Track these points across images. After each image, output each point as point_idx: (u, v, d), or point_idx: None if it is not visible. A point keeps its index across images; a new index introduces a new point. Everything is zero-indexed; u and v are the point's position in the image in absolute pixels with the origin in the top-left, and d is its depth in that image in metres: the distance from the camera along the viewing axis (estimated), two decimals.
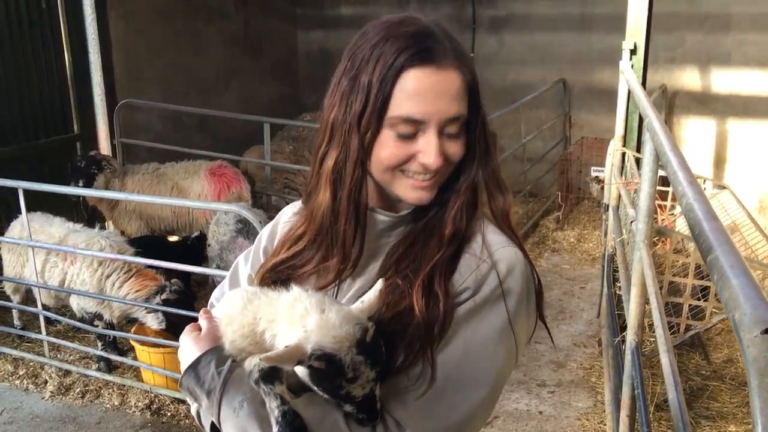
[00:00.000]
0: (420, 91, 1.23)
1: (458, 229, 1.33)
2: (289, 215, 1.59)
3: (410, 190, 1.32)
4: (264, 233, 1.62)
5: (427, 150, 1.26)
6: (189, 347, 1.35)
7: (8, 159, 6.12)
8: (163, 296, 4.35)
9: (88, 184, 5.45)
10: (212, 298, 1.64)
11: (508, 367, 1.32)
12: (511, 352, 1.31)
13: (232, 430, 1.24)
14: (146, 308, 4.40)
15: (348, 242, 1.34)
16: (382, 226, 1.39)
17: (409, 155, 1.28)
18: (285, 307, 1.25)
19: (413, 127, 1.25)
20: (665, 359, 1.91)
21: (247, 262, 1.60)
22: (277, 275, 1.43)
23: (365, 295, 1.27)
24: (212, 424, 1.29)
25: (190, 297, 4.47)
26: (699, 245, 1.30)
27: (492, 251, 1.32)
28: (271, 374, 1.21)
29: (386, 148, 1.27)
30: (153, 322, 4.44)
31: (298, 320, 1.21)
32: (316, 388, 1.21)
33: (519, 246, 1.36)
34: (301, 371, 1.22)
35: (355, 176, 1.30)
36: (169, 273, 4.50)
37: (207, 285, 5.63)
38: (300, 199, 1.59)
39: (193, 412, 1.42)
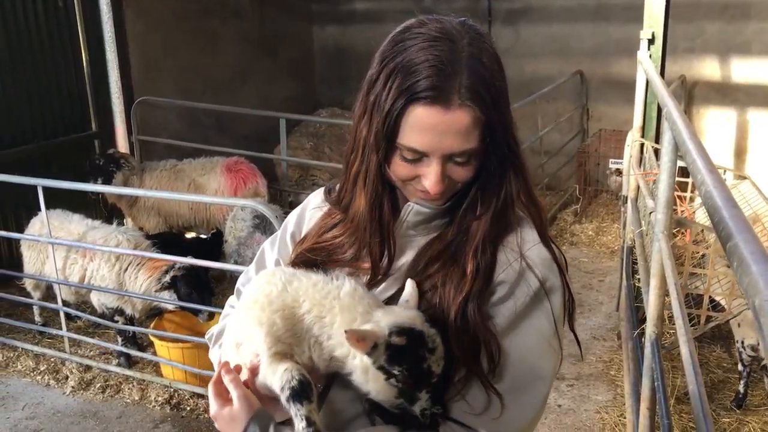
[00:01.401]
0: (423, 128, 1.23)
1: (484, 251, 1.34)
2: (318, 201, 1.60)
3: (417, 198, 1.37)
4: (291, 219, 1.64)
5: (429, 177, 1.28)
6: (225, 425, 1.33)
7: (27, 158, 6.18)
8: (172, 273, 4.45)
9: (107, 182, 5.50)
10: (239, 284, 1.66)
11: (558, 361, 1.37)
12: (559, 346, 1.36)
13: None
14: (162, 286, 4.49)
15: (375, 257, 1.39)
16: (411, 221, 1.41)
17: (415, 175, 1.31)
18: (342, 304, 1.27)
19: (418, 155, 1.27)
20: (685, 350, 1.88)
21: (273, 247, 1.62)
22: (312, 257, 1.45)
23: (404, 293, 1.32)
24: None
25: (200, 273, 4.51)
26: (718, 233, 1.27)
27: (528, 248, 1.35)
28: (301, 392, 1.22)
29: (395, 165, 1.31)
30: (169, 304, 4.52)
31: (361, 317, 1.26)
32: (396, 370, 1.21)
33: (554, 244, 1.40)
34: (364, 369, 1.23)
35: (376, 189, 1.36)
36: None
37: (225, 281, 5.66)
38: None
39: None
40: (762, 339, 0.89)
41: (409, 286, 1.31)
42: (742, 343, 4.00)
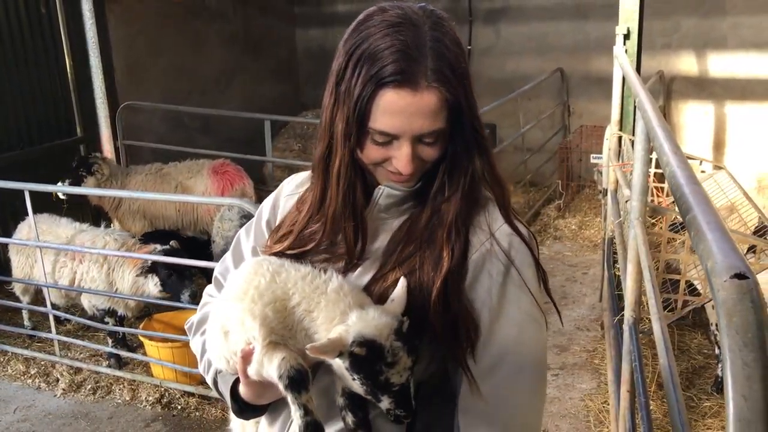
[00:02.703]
0: (394, 111, 1.27)
1: (458, 233, 1.38)
2: (291, 188, 1.63)
3: (389, 181, 1.41)
4: (265, 206, 1.66)
5: (400, 158, 1.33)
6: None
7: (13, 163, 6.18)
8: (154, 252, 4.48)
9: (75, 185, 5.47)
10: (216, 273, 1.68)
11: (544, 330, 1.41)
12: (541, 315, 1.40)
13: None
14: (144, 271, 4.53)
15: (350, 242, 1.42)
16: (381, 204, 1.44)
17: (386, 157, 1.35)
18: (327, 300, 1.32)
19: (388, 138, 1.32)
20: (657, 327, 1.96)
21: (249, 235, 1.64)
22: (288, 244, 1.48)
23: (394, 292, 1.34)
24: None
25: (181, 253, 4.51)
26: (679, 207, 1.35)
27: (497, 227, 1.39)
28: (299, 381, 1.27)
29: (367, 150, 1.35)
30: (153, 288, 4.53)
31: (340, 316, 1.29)
32: (355, 377, 1.27)
33: (519, 220, 1.44)
34: (338, 365, 1.29)
35: (348, 176, 1.38)
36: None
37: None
38: (300, 172, 1.67)
39: (209, 379, 1.55)
40: (713, 297, 0.96)
41: (400, 285, 1.34)
42: (716, 325, 4.10)
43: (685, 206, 1.31)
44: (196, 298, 4.34)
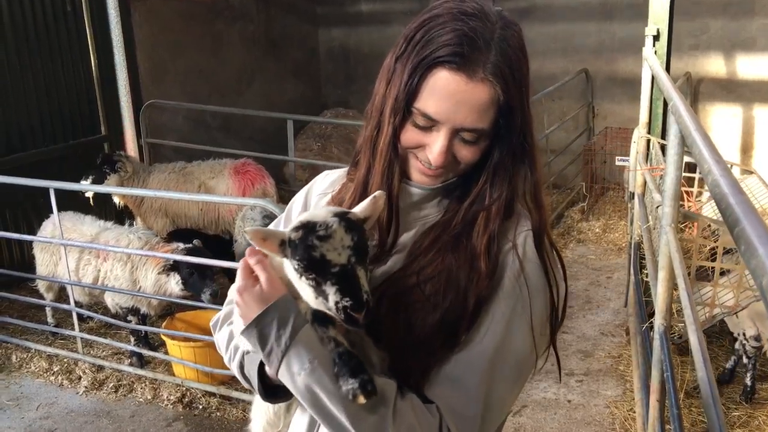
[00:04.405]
0: (443, 94, 1.24)
1: (495, 248, 1.33)
2: (324, 185, 1.60)
3: (416, 172, 1.37)
4: (297, 200, 1.63)
5: (433, 147, 1.29)
6: (252, 302, 1.28)
7: (37, 161, 6.25)
8: (177, 251, 4.47)
9: (97, 182, 5.51)
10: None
11: (532, 360, 1.37)
12: (533, 346, 1.35)
13: (288, 387, 1.26)
14: (166, 269, 4.51)
15: (383, 229, 1.38)
16: (415, 198, 1.40)
17: (421, 144, 1.31)
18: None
19: (429, 122, 1.27)
20: (694, 338, 1.91)
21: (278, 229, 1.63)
22: None
23: (364, 201, 1.30)
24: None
25: (205, 254, 4.48)
26: (725, 218, 1.30)
27: (522, 246, 1.35)
28: (322, 317, 1.25)
29: (405, 132, 1.31)
30: (175, 287, 4.52)
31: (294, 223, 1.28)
32: (296, 265, 1.21)
33: (555, 249, 1.39)
34: (291, 274, 1.25)
35: (387, 155, 1.34)
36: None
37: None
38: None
39: (235, 367, 1.47)
40: None
41: (373, 195, 1.30)
42: (744, 335, 4.01)
43: (732, 218, 1.26)
44: (217, 298, 4.35)
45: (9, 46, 6.07)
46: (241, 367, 1.47)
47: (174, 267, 4.50)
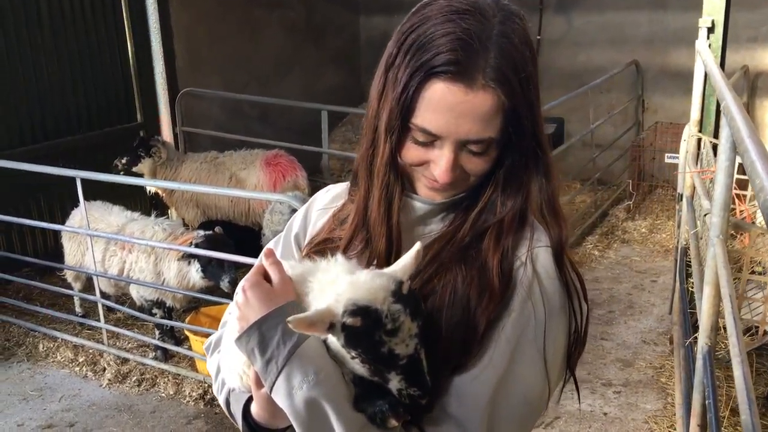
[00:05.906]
0: (440, 107, 1.12)
1: (508, 264, 1.20)
2: (326, 201, 1.50)
3: (423, 188, 1.26)
4: (296, 219, 1.53)
5: (438, 164, 1.17)
6: (257, 301, 1.17)
7: (73, 148, 6.26)
8: (194, 243, 4.38)
9: (132, 164, 5.59)
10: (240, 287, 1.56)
11: (545, 387, 1.20)
12: (545, 374, 1.19)
13: (282, 405, 1.12)
14: (185, 256, 4.45)
15: (381, 250, 1.26)
16: (418, 213, 1.29)
17: (424, 161, 1.20)
18: (320, 274, 1.18)
19: (430, 137, 1.16)
20: (738, 372, 1.70)
21: (277, 248, 1.51)
22: (320, 249, 1.34)
23: (403, 256, 1.16)
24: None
25: (220, 242, 4.41)
26: None
27: (540, 264, 1.20)
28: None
29: (406, 149, 1.20)
30: (195, 275, 4.46)
31: (329, 286, 1.13)
32: (353, 353, 1.08)
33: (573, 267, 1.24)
34: (335, 346, 1.11)
35: (385, 178, 1.22)
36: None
37: None
38: (332, 183, 1.55)
39: (221, 401, 1.37)
40: None
41: (413, 249, 1.16)
42: None
43: None
44: (235, 285, 4.23)
45: (46, 33, 6.07)
46: (227, 403, 1.36)
47: (194, 254, 4.42)
